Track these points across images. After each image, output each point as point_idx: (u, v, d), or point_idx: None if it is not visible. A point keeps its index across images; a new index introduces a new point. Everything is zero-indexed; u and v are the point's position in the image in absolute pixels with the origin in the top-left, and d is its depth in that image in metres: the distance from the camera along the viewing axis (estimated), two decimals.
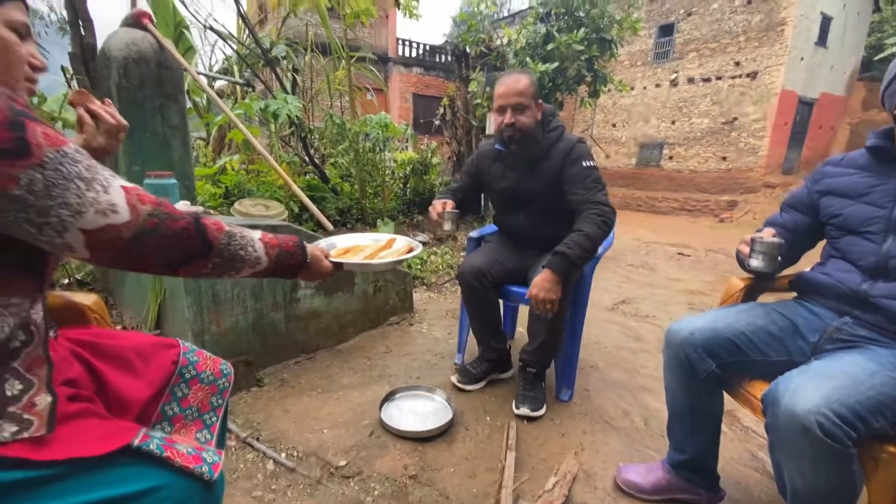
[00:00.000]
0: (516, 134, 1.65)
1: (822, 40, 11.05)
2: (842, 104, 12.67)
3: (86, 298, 0.91)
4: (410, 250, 1.08)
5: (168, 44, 1.98)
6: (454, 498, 1.27)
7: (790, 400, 0.87)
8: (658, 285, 3.82)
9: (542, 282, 1.47)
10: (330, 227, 2.11)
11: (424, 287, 3.30)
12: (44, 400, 0.57)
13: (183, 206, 1.86)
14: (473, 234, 2.12)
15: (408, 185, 5.06)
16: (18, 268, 0.59)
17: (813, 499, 0.91)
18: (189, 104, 4.50)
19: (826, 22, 10.97)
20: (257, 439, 1.48)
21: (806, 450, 0.86)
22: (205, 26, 4.22)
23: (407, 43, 15.02)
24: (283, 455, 1.41)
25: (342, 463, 1.39)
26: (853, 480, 0.87)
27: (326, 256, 0.90)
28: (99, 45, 2.23)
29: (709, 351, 1.09)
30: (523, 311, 1.99)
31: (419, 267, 3.55)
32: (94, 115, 0.83)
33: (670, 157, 12.56)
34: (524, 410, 1.64)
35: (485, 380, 1.87)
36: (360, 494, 1.27)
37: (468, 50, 5.29)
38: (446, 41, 15.33)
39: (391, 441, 1.51)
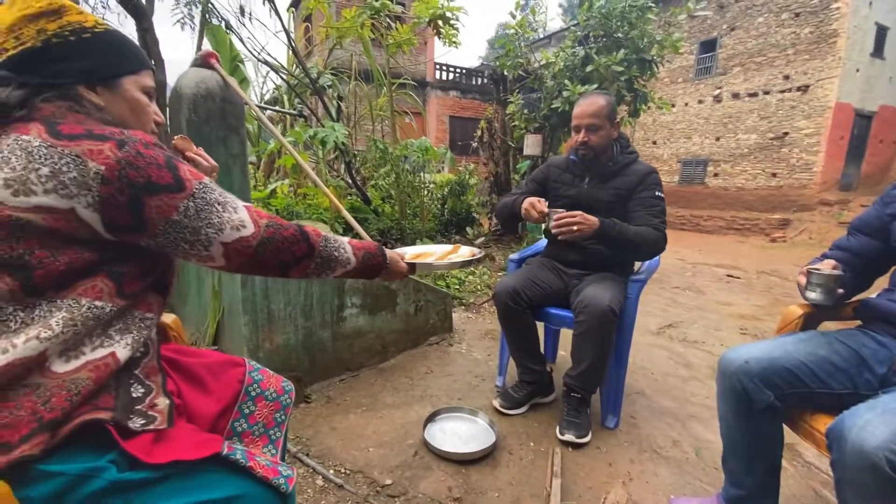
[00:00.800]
0: (589, 152, 1.77)
1: (878, 51, 10.48)
2: None
3: (167, 317, 1.00)
4: (473, 255, 1.23)
5: (232, 81, 2.15)
6: None
7: (858, 435, 0.83)
8: (707, 309, 3.67)
9: (584, 216, 1.54)
10: (368, 239, 2.20)
11: (463, 307, 3.32)
12: (163, 402, 0.67)
13: None
14: (514, 256, 2.14)
15: (445, 206, 5.15)
16: (155, 287, 0.71)
17: None
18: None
19: (882, 32, 10.41)
20: (307, 455, 1.53)
21: (875, 488, 0.81)
22: (258, 59, 4.54)
23: (444, 67, 15.44)
24: (332, 471, 1.45)
25: (388, 482, 1.42)
26: None
27: (402, 258, 1.00)
28: (169, 83, 2.46)
29: (766, 381, 1.05)
30: (566, 336, 1.98)
31: (457, 287, 3.59)
32: (191, 160, 0.94)
33: (715, 175, 12.12)
34: (569, 437, 1.62)
35: (527, 404, 1.86)
36: None
37: (506, 73, 5.39)
38: (482, 63, 15.63)
39: (435, 462, 1.53)
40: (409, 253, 1.21)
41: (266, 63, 4.64)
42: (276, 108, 4.72)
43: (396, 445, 1.61)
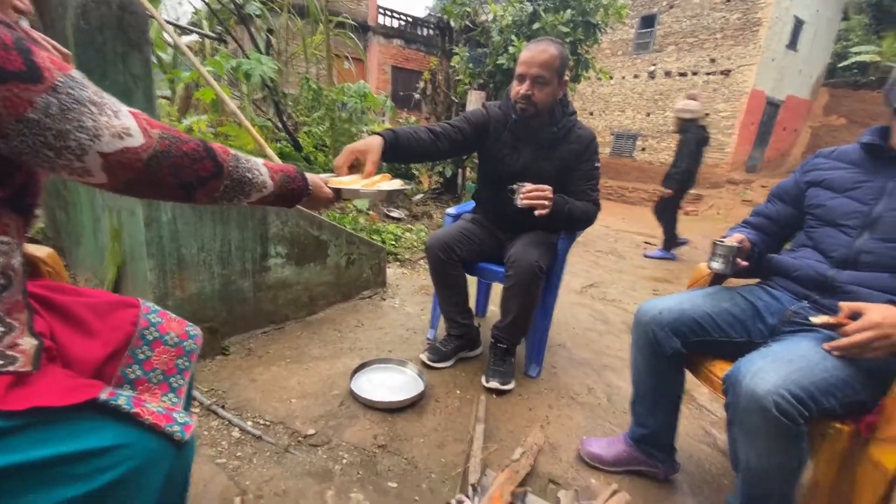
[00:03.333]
0: (530, 108, 1.60)
1: (793, 43, 11.41)
2: (806, 107, 13.20)
3: (39, 251, 0.85)
4: (403, 185, 1.14)
5: None
6: (423, 467, 1.29)
7: (751, 381, 0.91)
8: (625, 271, 3.93)
9: (543, 190, 1.48)
10: None
11: (398, 263, 3.27)
12: (28, 342, 0.57)
13: None
14: (451, 210, 2.10)
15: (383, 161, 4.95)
16: (9, 206, 0.58)
17: (764, 473, 0.96)
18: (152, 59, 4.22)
19: (798, 26, 11.32)
20: (222, 407, 1.44)
21: (762, 428, 0.91)
22: None
23: (388, 12, 14.51)
24: (250, 423, 1.38)
25: (311, 431, 1.38)
26: (801, 456, 0.94)
27: (326, 183, 0.92)
28: None
29: (675, 330, 1.13)
30: (497, 291, 2.01)
31: (393, 243, 3.51)
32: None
33: (643, 149, 12.83)
34: (494, 384, 1.67)
35: (454, 357, 1.88)
36: (328, 463, 1.27)
37: (452, 23, 5.15)
38: (429, 13, 14.90)
39: (361, 412, 1.51)
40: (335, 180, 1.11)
41: None
42: (191, 27, 4.16)
43: (321, 396, 1.57)
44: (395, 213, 4.40)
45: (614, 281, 3.55)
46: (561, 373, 1.92)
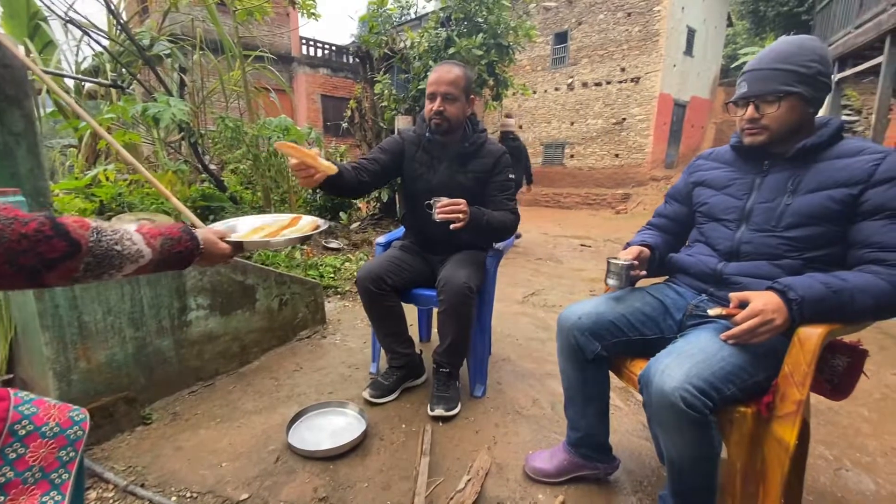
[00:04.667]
0: (444, 123, 1.68)
1: (689, 50, 12.62)
2: (708, 106, 14.56)
3: None
4: (316, 228, 1.10)
5: (4, 38, 1.68)
6: None
7: (660, 379, 0.96)
8: (564, 276, 4.08)
9: (458, 203, 1.52)
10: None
11: (339, 296, 3.19)
12: None
13: None
14: (381, 240, 2.09)
15: (318, 191, 4.86)
16: None
17: (684, 463, 1.02)
18: (52, 108, 3.91)
19: (691, 34, 12.56)
20: (142, 486, 1.31)
21: (674, 422, 0.96)
22: (63, 18, 3.68)
23: (311, 43, 14.47)
24: (174, 498, 1.27)
25: (244, 497, 1.28)
26: (714, 444, 0.99)
27: (223, 238, 0.87)
28: None
29: (594, 333, 1.17)
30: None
31: (332, 276, 3.43)
32: None
33: (571, 156, 13.54)
34: (439, 411, 1.65)
35: (398, 390, 1.84)
36: None
37: (371, 52, 5.22)
38: (353, 41, 15.01)
39: (300, 464, 1.43)
40: (240, 230, 1.06)
41: (73, 23, 3.78)
42: (80, 76, 3.91)
43: (255, 454, 1.47)
44: (334, 244, 4.31)
45: (554, 286, 3.67)
46: (506, 388, 1.93)
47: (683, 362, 0.96)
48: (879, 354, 2.37)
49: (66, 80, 4.23)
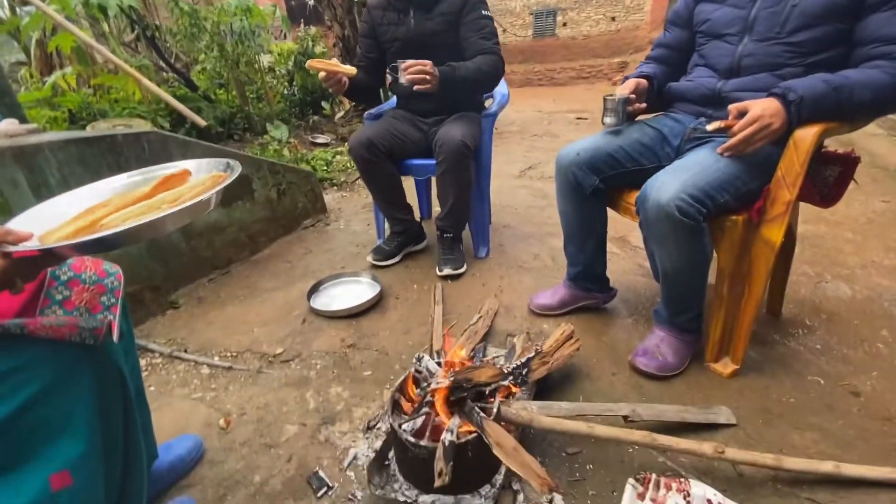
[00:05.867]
0: None
1: None
2: None
3: None
4: (220, 181, 0.62)
5: None
6: (392, 353, 1.38)
7: (656, 194, 1.00)
8: (560, 149, 3.99)
9: (424, 64, 1.50)
10: (202, 122, 1.88)
11: (335, 188, 3.18)
12: None
13: (7, 124, 1.53)
14: (371, 111, 2.02)
15: (294, 83, 4.55)
16: None
17: (677, 273, 1.10)
18: None
19: None
20: (185, 351, 1.45)
21: (669, 232, 1.01)
22: None
23: None
24: (217, 358, 1.41)
25: (279, 350, 1.42)
26: (706, 251, 1.07)
27: (5, 241, 0.49)
28: None
29: (592, 167, 1.19)
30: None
31: (325, 168, 3.38)
32: None
33: (564, 24, 12.38)
34: (447, 270, 1.75)
35: (399, 254, 1.93)
36: (303, 371, 1.33)
37: None
38: None
39: (325, 323, 1.56)
40: (67, 213, 0.62)
41: None
42: None
43: (283, 320, 1.59)
44: (321, 139, 4.17)
45: (550, 160, 3.61)
46: (508, 248, 2.02)
47: (679, 175, 0.99)
48: (871, 185, 2.42)
49: None
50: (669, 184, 0.99)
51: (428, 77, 1.49)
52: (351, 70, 1.58)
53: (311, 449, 1.06)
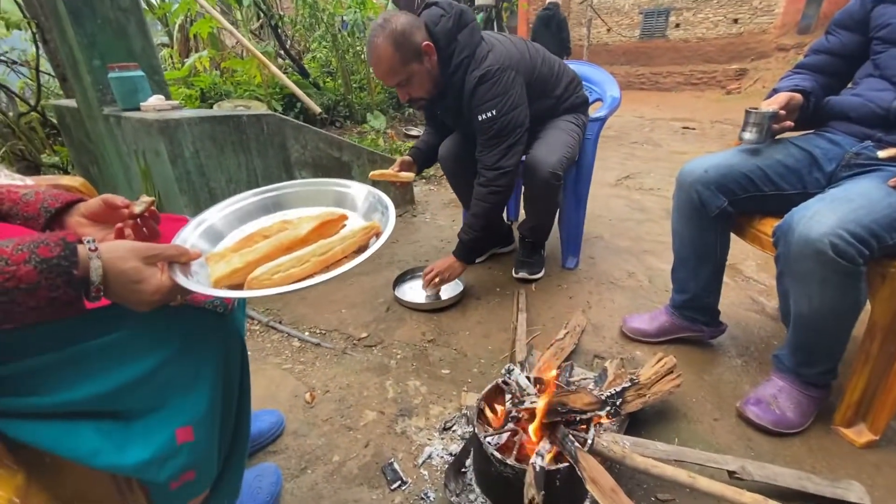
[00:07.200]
0: (422, 101, 1.44)
1: None
2: None
3: (74, 181, 0.87)
4: (372, 234, 0.63)
5: None
6: (471, 354, 1.36)
7: (806, 225, 0.86)
8: (662, 159, 3.72)
9: (442, 264, 1.55)
10: (317, 109, 1.98)
11: (424, 180, 3.23)
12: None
13: (156, 100, 1.72)
14: None
15: None
16: None
17: (818, 320, 0.94)
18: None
19: None
20: (280, 322, 1.54)
21: (816, 272, 0.87)
22: None
23: None
24: (307, 333, 1.48)
25: (364, 335, 1.47)
26: (858, 299, 0.90)
27: (176, 261, 0.53)
28: None
29: (722, 187, 1.06)
30: None
31: None
32: None
33: (677, 25, 11.48)
34: (523, 274, 1.71)
35: (485, 255, 1.91)
36: (383, 359, 1.36)
37: None
38: None
39: (407, 315, 1.58)
40: (224, 236, 0.68)
41: None
42: None
43: (368, 305, 1.64)
44: (414, 132, 4.27)
45: (651, 170, 3.38)
46: (600, 261, 1.91)
47: (839, 207, 0.84)
48: None
49: None
50: (824, 216, 0.85)
51: (445, 276, 1.54)
52: (409, 176, 1.58)
53: (388, 439, 1.07)
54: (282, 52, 3.80)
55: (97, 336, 0.52)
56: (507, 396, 0.91)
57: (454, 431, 1.07)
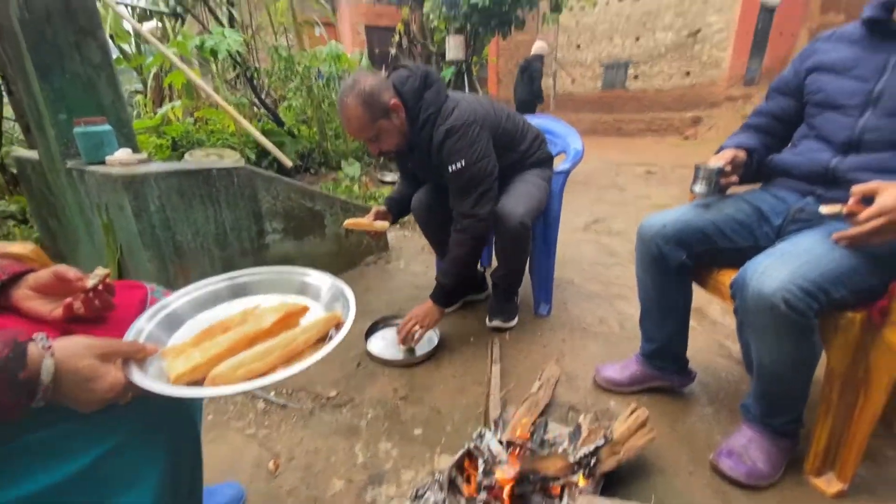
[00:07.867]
0: (391, 153, 1.52)
1: None
2: (802, 8, 12.48)
3: (23, 248, 0.84)
4: (333, 323, 0.65)
5: None
6: (445, 411, 1.32)
7: (758, 281, 0.90)
8: (628, 203, 3.88)
9: (420, 311, 1.55)
10: (289, 163, 2.00)
11: (399, 226, 3.24)
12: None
13: (123, 154, 1.70)
14: None
15: None
16: None
17: (777, 371, 0.97)
18: (116, 53, 4.04)
19: None
20: None
21: (771, 326, 0.90)
22: None
23: None
24: (272, 394, 1.42)
25: (333, 393, 1.41)
26: (814, 350, 0.94)
27: (132, 357, 0.52)
28: None
29: (680, 241, 1.11)
30: None
31: None
32: None
33: (635, 77, 12.34)
34: (497, 322, 1.71)
35: (459, 302, 1.91)
36: (353, 419, 1.30)
37: None
38: None
39: (379, 369, 1.54)
40: (188, 327, 0.68)
41: None
42: (146, 6, 3.97)
43: (338, 360, 1.59)
44: (389, 178, 4.33)
45: (618, 214, 3.51)
46: (572, 307, 1.93)
47: (788, 262, 0.89)
48: None
49: (125, 22, 4.32)
50: (776, 270, 0.89)
51: (424, 324, 1.53)
52: (384, 225, 1.63)
53: None
54: (256, 101, 3.87)
55: (37, 430, 0.48)
56: (480, 462, 0.88)
57: (426, 500, 1.02)
